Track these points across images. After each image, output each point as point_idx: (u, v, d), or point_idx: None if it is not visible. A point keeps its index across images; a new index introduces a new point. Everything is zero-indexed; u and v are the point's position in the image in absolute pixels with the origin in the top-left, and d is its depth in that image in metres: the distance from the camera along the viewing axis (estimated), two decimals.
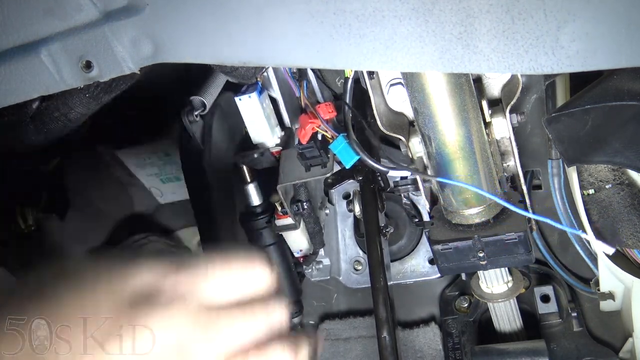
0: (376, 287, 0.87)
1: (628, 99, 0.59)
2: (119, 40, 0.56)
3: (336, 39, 0.51)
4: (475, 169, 0.70)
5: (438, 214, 0.80)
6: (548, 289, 1.07)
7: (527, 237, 0.73)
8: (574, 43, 0.45)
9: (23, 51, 0.59)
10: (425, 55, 0.49)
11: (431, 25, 0.48)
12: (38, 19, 0.57)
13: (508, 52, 0.47)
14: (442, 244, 0.76)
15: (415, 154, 0.80)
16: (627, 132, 0.62)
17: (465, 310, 1.13)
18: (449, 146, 0.68)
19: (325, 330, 1.25)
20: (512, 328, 1.02)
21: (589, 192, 0.84)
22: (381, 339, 0.85)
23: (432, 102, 0.65)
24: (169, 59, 0.57)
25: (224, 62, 0.56)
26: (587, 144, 0.65)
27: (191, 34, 0.55)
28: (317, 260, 1.17)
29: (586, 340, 1.01)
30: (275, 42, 0.53)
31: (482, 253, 0.75)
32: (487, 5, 0.46)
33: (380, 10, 0.49)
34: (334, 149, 0.76)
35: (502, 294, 0.91)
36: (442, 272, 0.80)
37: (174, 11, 0.54)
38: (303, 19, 0.51)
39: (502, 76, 0.75)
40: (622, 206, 0.82)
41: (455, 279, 1.17)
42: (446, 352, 1.09)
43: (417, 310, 1.20)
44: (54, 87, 0.60)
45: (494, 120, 0.75)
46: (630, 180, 0.82)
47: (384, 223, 0.97)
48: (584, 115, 0.62)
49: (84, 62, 0.58)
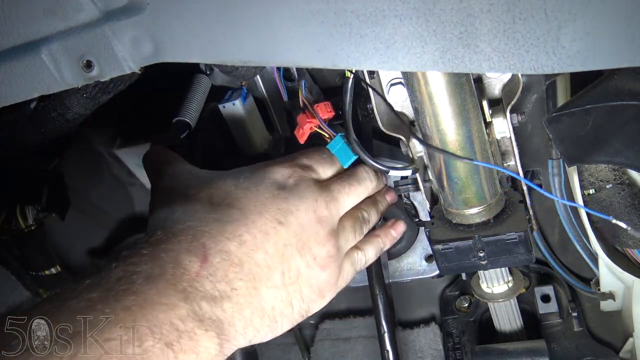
0: (374, 283, 0.87)
1: (629, 98, 0.59)
2: (120, 39, 0.56)
3: (337, 38, 0.51)
4: (475, 169, 0.71)
5: (438, 213, 0.80)
6: (548, 288, 1.07)
7: (527, 237, 0.73)
8: (575, 43, 0.45)
9: (23, 51, 0.59)
10: (426, 55, 0.49)
11: (432, 25, 0.48)
12: (38, 18, 0.57)
13: (509, 51, 0.47)
14: (443, 244, 0.76)
15: (415, 153, 0.80)
16: (627, 132, 0.62)
17: (465, 310, 1.13)
18: (449, 146, 0.68)
19: (326, 330, 1.25)
20: (513, 328, 1.02)
21: (590, 192, 0.84)
22: (381, 335, 0.85)
23: (433, 101, 0.65)
24: (169, 58, 0.57)
25: (225, 61, 0.56)
26: (588, 144, 0.65)
27: (192, 34, 0.55)
28: None
29: (586, 340, 1.01)
30: (276, 42, 0.53)
31: (483, 253, 0.75)
32: (487, 5, 0.46)
33: (381, 10, 0.49)
34: (331, 148, 0.76)
35: (502, 293, 0.91)
36: (443, 272, 0.80)
37: (174, 11, 0.54)
38: (304, 19, 0.51)
39: (502, 76, 0.75)
40: (622, 206, 0.82)
41: (456, 278, 1.17)
42: (446, 352, 1.09)
43: (418, 310, 1.20)
44: (54, 87, 0.60)
45: (494, 120, 0.75)
46: (631, 180, 0.82)
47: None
48: (584, 115, 0.62)
49: (85, 61, 0.58)
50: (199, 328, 0.55)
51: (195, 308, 0.56)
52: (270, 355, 1.27)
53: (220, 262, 0.59)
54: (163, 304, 0.54)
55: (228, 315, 0.58)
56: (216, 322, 0.57)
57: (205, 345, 0.56)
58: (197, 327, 0.55)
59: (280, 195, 0.66)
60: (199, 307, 0.56)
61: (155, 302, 0.53)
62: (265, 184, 0.67)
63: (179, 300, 0.55)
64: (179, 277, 0.56)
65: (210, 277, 0.58)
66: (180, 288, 0.55)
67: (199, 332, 0.55)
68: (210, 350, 0.56)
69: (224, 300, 0.58)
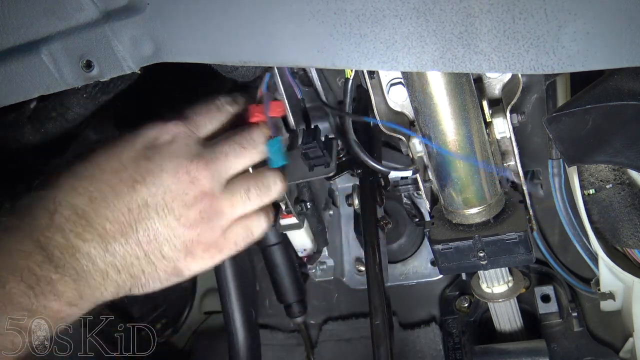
0: (371, 273, 0.86)
1: (629, 98, 0.59)
2: (120, 39, 0.56)
3: (337, 38, 0.51)
4: (475, 169, 0.71)
5: (438, 213, 0.80)
6: (548, 288, 1.07)
7: (527, 237, 0.73)
8: (575, 43, 0.45)
9: (23, 51, 0.59)
10: (426, 55, 0.49)
11: (432, 24, 0.48)
12: (38, 18, 0.57)
13: (509, 51, 0.47)
14: (443, 244, 0.76)
15: (415, 153, 0.80)
16: (627, 132, 0.62)
17: (465, 310, 1.13)
18: (449, 146, 0.68)
19: (328, 331, 1.25)
20: (513, 328, 1.02)
21: (590, 192, 0.84)
22: (374, 325, 0.84)
23: (433, 101, 0.65)
24: (169, 58, 0.57)
25: (225, 61, 0.56)
26: (588, 144, 0.65)
27: (192, 34, 0.55)
28: (321, 260, 1.17)
29: (586, 340, 1.01)
30: (276, 42, 0.53)
31: (483, 253, 0.75)
32: (487, 5, 0.46)
33: (381, 10, 0.49)
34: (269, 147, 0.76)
35: (502, 293, 0.91)
36: (443, 272, 0.80)
37: (174, 11, 0.54)
38: (304, 19, 0.51)
39: (502, 76, 0.75)
40: (622, 206, 0.82)
41: (456, 279, 1.17)
42: (446, 352, 1.09)
43: (418, 310, 1.20)
44: (54, 87, 0.60)
45: (494, 120, 0.75)
46: (631, 180, 0.82)
47: (382, 216, 0.97)
48: (584, 115, 0.62)
49: (85, 61, 0.58)
50: (54, 273, 0.60)
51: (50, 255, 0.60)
52: (273, 355, 1.27)
53: (70, 214, 0.63)
54: (21, 251, 0.59)
55: (82, 265, 0.62)
56: (71, 270, 0.61)
57: (62, 289, 0.60)
58: (53, 273, 0.59)
59: (145, 154, 0.67)
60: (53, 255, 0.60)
61: (14, 250, 0.59)
62: (134, 142, 0.68)
63: (35, 247, 0.59)
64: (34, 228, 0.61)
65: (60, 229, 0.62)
66: (35, 237, 0.60)
67: (55, 276, 0.59)
68: (68, 294, 0.60)
69: (75, 251, 0.62)
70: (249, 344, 0.98)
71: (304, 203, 0.95)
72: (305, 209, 0.95)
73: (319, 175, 0.87)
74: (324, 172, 0.86)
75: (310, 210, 0.96)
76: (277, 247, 1.07)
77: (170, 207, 0.66)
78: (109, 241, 0.64)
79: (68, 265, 0.61)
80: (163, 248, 0.67)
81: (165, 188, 0.66)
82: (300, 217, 0.96)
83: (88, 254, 0.62)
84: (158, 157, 0.67)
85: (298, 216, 0.95)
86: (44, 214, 0.62)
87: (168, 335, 1.35)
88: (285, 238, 1.05)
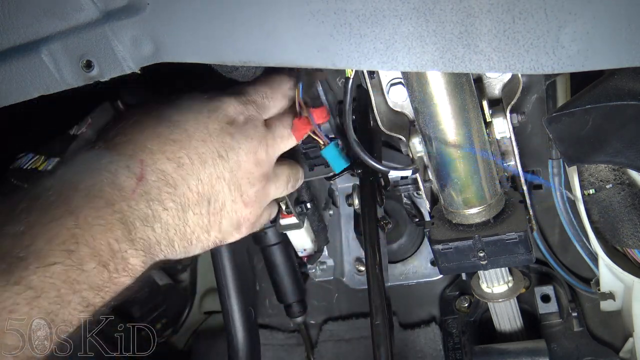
0: (371, 273, 0.86)
1: (629, 98, 0.59)
2: (120, 39, 0.56)
3: (337, 38, 0.51)
4: (475, 169, 0.71)
5: (438, 213, 0.80)
6: (548, 288, 1.07)
7: (527, 237, 0.73)
8: (575, 43, 0.45)
9: (23, 51, 0.59)
10: (426, 55, 0.49)
11: (432, 24, 0.48)
12: (38, 18, 0.57)
13: (509, 51, 0.47)
14: (443, 244, 0.76)
15: (415, 153, 0.80)
16: (627, 132, 0.62)
17: (465, 310, 1.13)
18: (449, 146, 0.68)
19: (329, 331, 1.25)
20: (513, 328, 1.02)
21: (590, 192, 0.84)
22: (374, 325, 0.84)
23: (433, 101, 0.65)
24: (169, 58, 0.57)
25: (225, 61, 0.56)
26: (588, 144, 0.65)
27: (192, 34, 0.55)
28: (321, 260, 1.17)
29: (586, 340, 1.01)
30: (276, 42, 0.53)
31: (483, 253, 0.75)
32: (487, 5, 0.46)
33: (380, 10, 0.49)
34: (325, 155, 0.76)
35: (502, 293, 0.91)
36: (443, 272, 0.80)
37: (174, 11, 0.54)
38: (304, 19, 0.51)
39: (502, 76, 0.75)
40: (622, 206, 0.82)
41: (456, 279, 1.17)
42: (446, 352, 1.09)
43: (418, 310, 1.20)
44: (54, 87, 0.60)
45: (494, 120, 0.75)
46: (631, 180, 0.82)
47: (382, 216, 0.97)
48: (584, 115, 0.62)
49: (85, 61, 0.58)
50: (130, 248, 0.59)
51: (130, 227, 0.59)
52: (273, 355, 1.27)
53: (157, 181, 0.62)
54: (101, 225, 0.56)
55: (157, 235, 0.62)
56: (146, 242, 0.61)
57: (134, 263, 0.59)
58: (130, 247, 0.59)
59: (228, 130, 0.68)
60: (133, 227, 0.59)
61: (93, 224, 0.56)
62: (217, 114, 0.69)
63: (116, 221, 0.58)
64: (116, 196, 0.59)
65: (145, 196, 0.60)
66: (118, 208, 0.58)
67: (130, 251, 0.59)
68: (137, 268, 0.60)
69: (155, 220, 0.61)
70: (249, 344, 0.98)
71: (304, 204, 0.95)
72: (305, 210, 0.95)
73: (319, 175, 0.87)
74: (324, 172, 0.87)
75: (310, 210, 0.97)
76: (277, 247, 1.07)
77: (238, 184, 0.69)
78: (187, 210, 0.64)
79: (144, 236, 0.60)
80: (222, 221, 0.69)
81: (239, 166, 0.69)
82: (301, 217, 0.96)
83: (166, 224, 0.62)
84: (238, 136, 0.69)
85: (298, 216, 0.95)
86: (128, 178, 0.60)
87: (168, 335, 1.35)
88: (285, 238, 1.05)
